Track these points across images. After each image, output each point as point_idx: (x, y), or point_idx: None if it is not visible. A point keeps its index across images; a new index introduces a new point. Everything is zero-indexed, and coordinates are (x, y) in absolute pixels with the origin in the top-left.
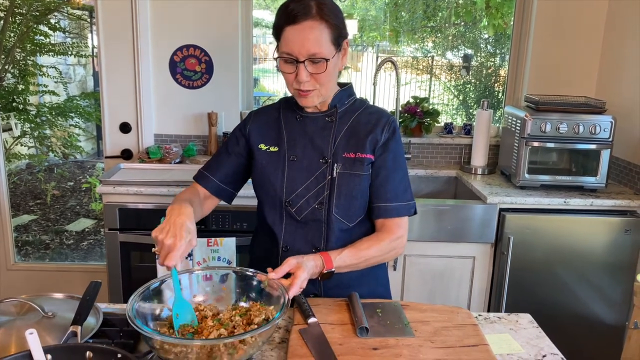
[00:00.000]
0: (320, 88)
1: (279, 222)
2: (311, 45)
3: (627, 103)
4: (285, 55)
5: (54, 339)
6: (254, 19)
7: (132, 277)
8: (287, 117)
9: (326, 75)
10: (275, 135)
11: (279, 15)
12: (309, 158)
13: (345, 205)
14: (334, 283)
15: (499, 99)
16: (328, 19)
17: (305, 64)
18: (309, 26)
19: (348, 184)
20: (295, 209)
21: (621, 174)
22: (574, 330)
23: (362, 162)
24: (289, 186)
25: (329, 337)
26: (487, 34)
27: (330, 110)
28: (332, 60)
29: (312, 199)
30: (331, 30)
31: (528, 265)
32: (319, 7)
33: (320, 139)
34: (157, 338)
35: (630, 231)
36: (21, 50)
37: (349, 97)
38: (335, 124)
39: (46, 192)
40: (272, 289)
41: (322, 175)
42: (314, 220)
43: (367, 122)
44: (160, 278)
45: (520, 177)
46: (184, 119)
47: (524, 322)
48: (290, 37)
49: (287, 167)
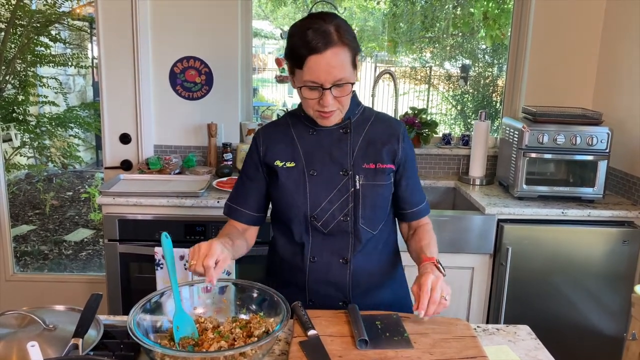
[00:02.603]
0: (342, 108)
1: (305, 235)
2: (337, 72)
3: (624, 114)
4: (310, 83)
5: (55, 352)
6: (253, 29)
7: (131, 288)
8: (299, 131)
9: (348, 97)
10: (290, 150)
11: (299, 45)
12: (329, 171)
13: (370, 215)
14: (361, 289)
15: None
16: (347, 42)
17: (331, 90)
18: (333, 53)
19: (372, 195)
20: (321, 222)
21: (618, 184)
22: (572, 340)
23: (383, 172)
24: (312, 201)
25: (328, 350)
26: (484, 45)
27: (344, 122)
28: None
29: (337, 211)
30: (351, 52)
31: (527, 276)
32: (337, 31)
33: (337, 152)
34: (158, 350)
35: (628, 242)
36: (22, 61)
37: (357, 106)
38: (351, 135)
39: (45, 202)
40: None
41: (345, 188)
42: (341, 232)
43: (382, 132)
44: (161, 290)
45: (518, 187)
46: (184, 130)
47: (522, 334)
48: (315, 66)
49: (308, 182)
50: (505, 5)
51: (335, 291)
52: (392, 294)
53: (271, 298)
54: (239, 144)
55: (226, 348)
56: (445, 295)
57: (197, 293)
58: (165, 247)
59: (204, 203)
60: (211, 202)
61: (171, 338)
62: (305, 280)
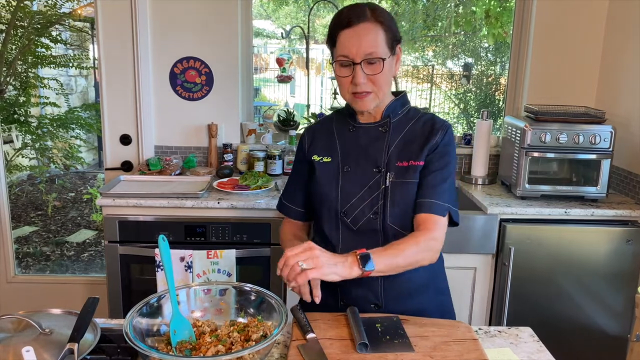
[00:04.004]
0: (377, 91)
1: (335, 231)
2: (367, 45)
3: (627, 113)
4: (341, 58)
5: (51, 356)
6: (255, 28)
7: (132, 289)
8: (340, 128)
9: (382, 77)
10: (328, 146)
11: (333, 23)
12: (362, 168)
13: (399, 214)
14: (395, 293)
15: (500, 107)
16: (383, 21)
17: (361, 65)
18: (364, 28)
19: (402, 193)
20: (351, 219)
21: (622, 183)
22: (575, 341)
23: (415, 170)
24: (343, 197)
25: (327, 353)
26: (487, 43)
27: (384, 120)
28: (388, 62)
29: (367, 208)
30: (386, 32)
31: (529, 276)
32: (373, 10)
33: (373, 149)
34: (155, 356)
35: (632, 241)
36: (23, 62)
37: (402, 107)
38: (389, 134)
39: (47, 204)
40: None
41: (376, 185)
42: (370, 230)
43: (423, 130)
44: (158, 294)
45: (520, 187)
46: (184, 131)
47: (524, 336)
48: (346, 40)
49: (341, 178)
50: (507, 3)
51: (367, 292)
52: (430, 300)
53: (269, 301)
54: (239, 144)
55: (223, 352)
56: (301, 263)
57: (195, 296)
58: (162, 250)
59: (204, 204)
60: (212, 203)
61: (169, 342)
62: (337, 281)
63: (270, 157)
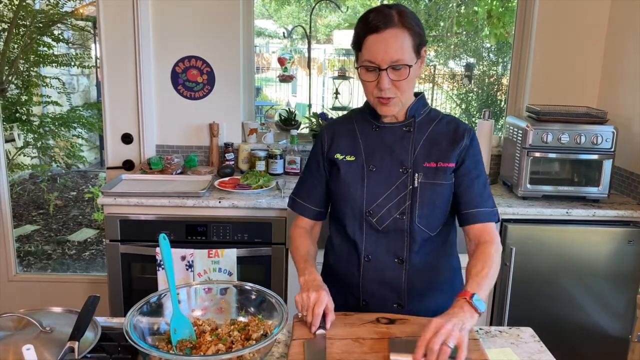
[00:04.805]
0: (401, 96)
1: (359, 232)
2: (394, 52)
3: (629, 113)
4: (367, 63)
5: (51, 355)
6: (257, 28)
7: (133, 288)
8: (363, 127)
9: (407, 83)
10: (351, 145)
11: (359, 26)
12: (388, 168)
13: (427, 215)
14: (417, 292)
15: (502, 107)
16: (410, 27)
17: (387, 71)
18: (391, 34)
19: (431, 194)
20: (376, 219)
21: (624, 184)
22: (577, 341)
23: (444, 171)
24: (369, 196)
25: (328, 352)
26: (489, 43)
27: (408, 120)
28: (414, 67)
29: (394, 208)
30: (413, 37)
31: (531, 276)
32: (400, 15)
33: (399, 149)
34: (155, 354)
35: (634, 242)
36: (25, 61)
37: (424, 107)
38: (414, 134)
39: (49, 202)
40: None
41: (403, 185)
42: (396, 230)
43: (447, 131)
44: (159, 292)
45: (522, 187)
46: (186, 130)
47: (525, 336)
48: (372, 45)
49: (366, 177)
50: (509, 3)
51: (390, 292)
52: (448, 300)
53: (269, 300)
54: (240, 143)
55: (224, 351)
56: (450, 342)
57: (196, 295)
58: (163, 249)
59: (205, 203)
60: (213, 203)
61: (169, 340)
62: (360, 280)
63: (271, 156)
